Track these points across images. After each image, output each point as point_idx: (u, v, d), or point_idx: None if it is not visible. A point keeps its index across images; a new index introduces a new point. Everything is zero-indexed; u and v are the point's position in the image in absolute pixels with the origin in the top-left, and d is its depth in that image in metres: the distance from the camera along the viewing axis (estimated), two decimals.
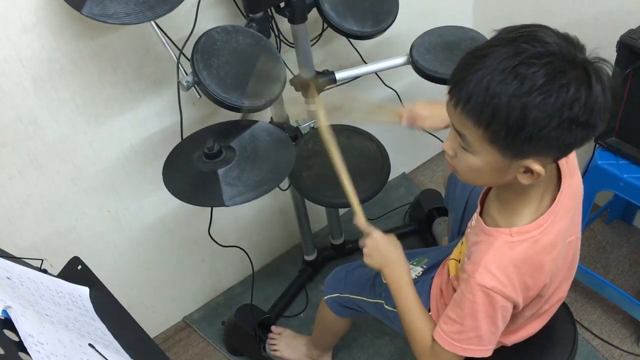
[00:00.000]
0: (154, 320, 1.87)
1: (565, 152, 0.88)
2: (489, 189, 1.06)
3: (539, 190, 0.96)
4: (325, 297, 1.48)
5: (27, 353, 0.72)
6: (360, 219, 1.19)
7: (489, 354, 1.02)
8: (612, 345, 1.71)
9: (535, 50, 0.80)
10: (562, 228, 0.98)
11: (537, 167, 0.86)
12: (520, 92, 0.79)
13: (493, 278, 0.94)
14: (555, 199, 0.97)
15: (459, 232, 1.43)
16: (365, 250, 1.16)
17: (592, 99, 0.80)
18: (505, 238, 0.95)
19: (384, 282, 1.31)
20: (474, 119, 0.84)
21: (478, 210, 1.06)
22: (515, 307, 0.98)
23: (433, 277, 1.27)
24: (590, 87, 0.80)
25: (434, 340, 1.04)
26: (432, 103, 1.24)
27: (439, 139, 1.85)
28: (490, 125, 0.83)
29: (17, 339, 0.73)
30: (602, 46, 0.88)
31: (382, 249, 1.15)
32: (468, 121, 0.85)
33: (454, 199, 1.46)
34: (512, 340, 1.16)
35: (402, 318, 1.12)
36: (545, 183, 0.96)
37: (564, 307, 1.24)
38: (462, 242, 1.19)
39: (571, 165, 1.01)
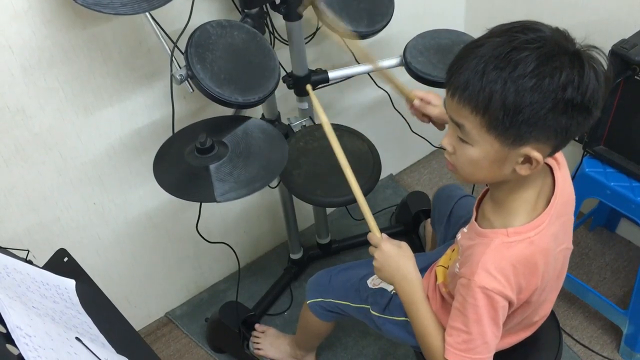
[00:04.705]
0: (136, 315, 1.84)
1: (563, 139, 0.88)
2: (483, 195, 1.07)
3: (534, 191, 0.97)
4: (308, 302, 1.45)
5: (15, 345, 0.70)
6: (371, 234, 1.13)
7: None
8: (593, 351, 1.72)
9: (528, 37, 0.83)
10: (555, 233, 0.98)
11: (536, 154, 0.87)
12: (514, 76, 0.82)
13: (493, 279, 0.93)
14: (549, 202, 0.97)
15: (443, 242, 1.43)
16: (374, 264, 1.12)
17: (585, 82, 0.82)
18: (502, 238, 0.95)
19: (372, 287, 1.31)
20: (471, 105, 0.86)
21: (474, 216, 1.06)
22: (509, 307, 0.98)
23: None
24: (582, 70, 0.82)
25: None
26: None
27: (427, 140, 1.87)
28: (488, 109, 0.84)
29: (4, 331, 0.72)
30: None
31: (392, 264, 1.10)
32: (466, 109, 0.87)
33: (439, 215, 1.47)
34: (498, 346, 1.16)
35: (417, 336, 1.10)
36: (540, 184, 0.97)
37: (550, 313, 1.24)
38: (454, 250, 1.18)
39: (563, 171, 1.02)
